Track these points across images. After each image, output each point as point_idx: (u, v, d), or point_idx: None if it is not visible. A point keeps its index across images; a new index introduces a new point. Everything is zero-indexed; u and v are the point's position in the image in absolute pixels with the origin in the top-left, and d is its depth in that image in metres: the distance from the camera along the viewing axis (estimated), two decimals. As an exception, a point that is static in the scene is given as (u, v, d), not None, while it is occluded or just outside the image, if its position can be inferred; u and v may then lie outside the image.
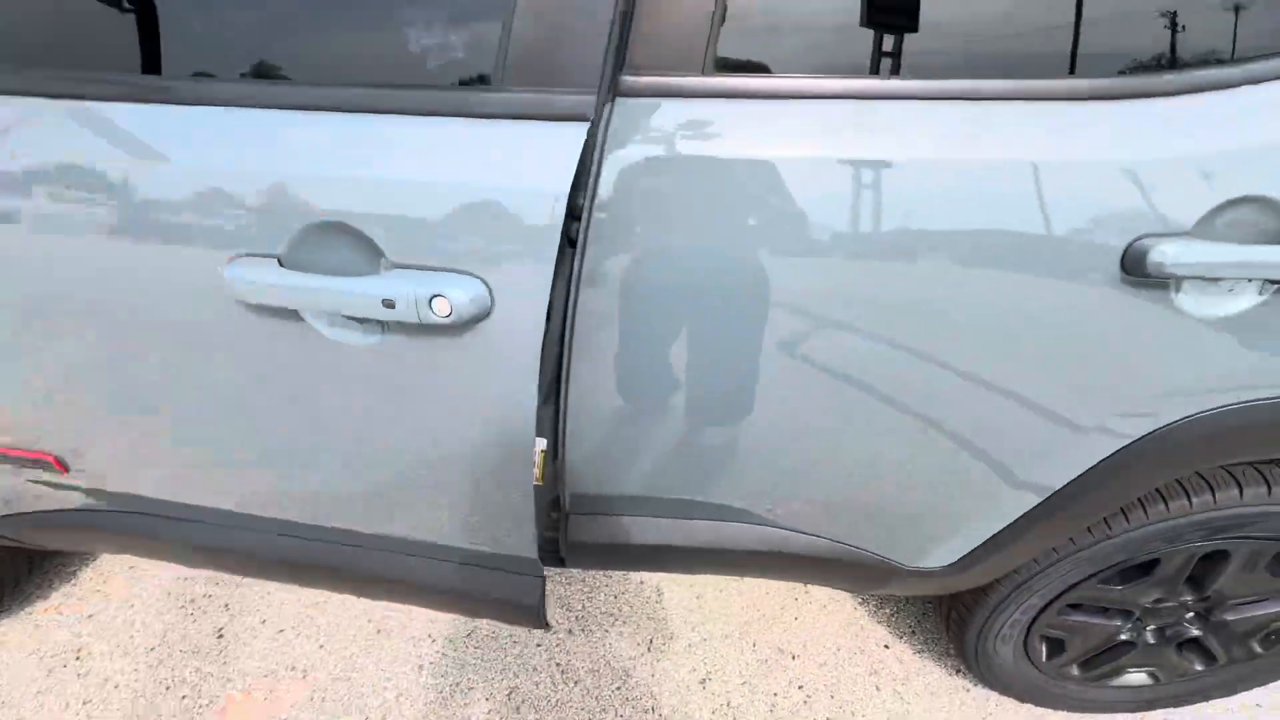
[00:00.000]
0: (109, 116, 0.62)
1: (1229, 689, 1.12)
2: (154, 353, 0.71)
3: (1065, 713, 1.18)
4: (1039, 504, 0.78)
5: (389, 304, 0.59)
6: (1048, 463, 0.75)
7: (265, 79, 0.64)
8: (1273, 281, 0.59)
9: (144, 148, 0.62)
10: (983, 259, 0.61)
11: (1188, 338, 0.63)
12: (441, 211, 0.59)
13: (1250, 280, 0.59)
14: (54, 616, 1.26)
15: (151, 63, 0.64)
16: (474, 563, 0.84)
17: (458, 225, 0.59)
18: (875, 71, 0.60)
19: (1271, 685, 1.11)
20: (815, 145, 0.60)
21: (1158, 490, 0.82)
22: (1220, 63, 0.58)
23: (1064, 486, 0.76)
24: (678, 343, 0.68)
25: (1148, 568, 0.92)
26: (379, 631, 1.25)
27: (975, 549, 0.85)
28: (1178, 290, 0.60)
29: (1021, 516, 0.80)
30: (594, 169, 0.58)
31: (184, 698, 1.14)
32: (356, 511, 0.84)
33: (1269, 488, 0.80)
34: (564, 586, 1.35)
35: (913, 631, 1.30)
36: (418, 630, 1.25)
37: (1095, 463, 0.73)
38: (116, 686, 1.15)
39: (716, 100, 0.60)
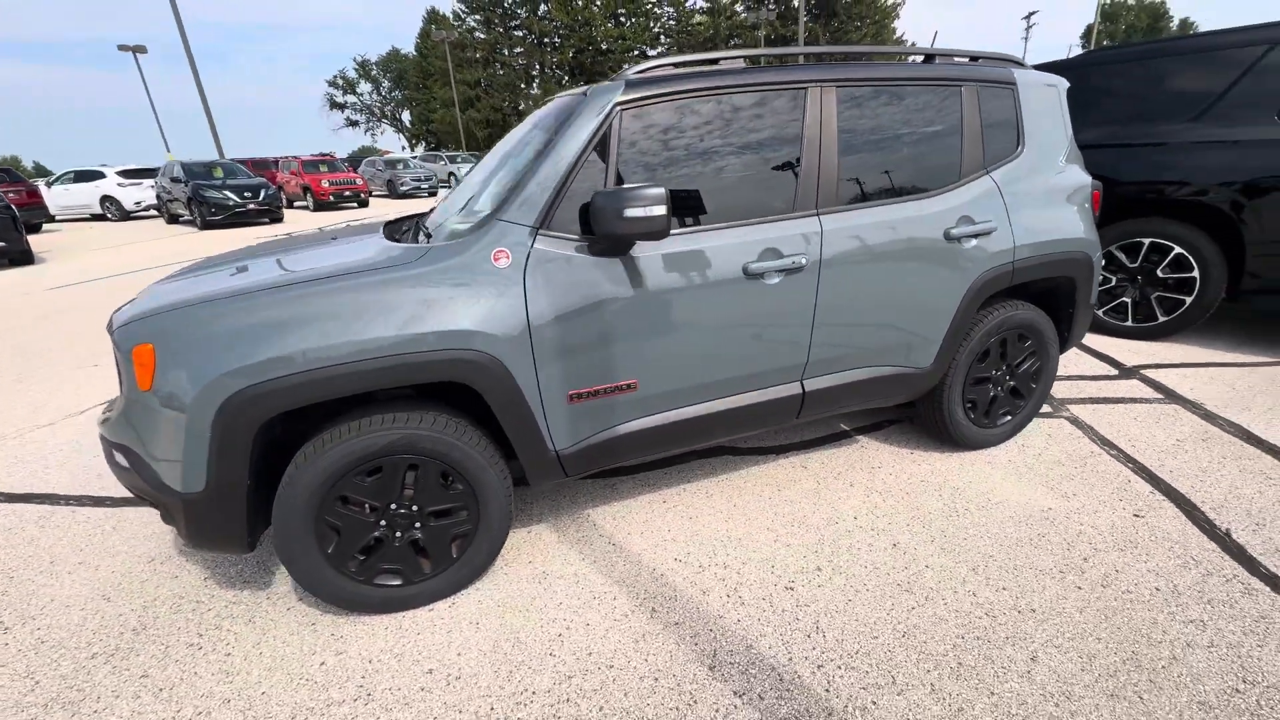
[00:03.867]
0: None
1: (1029, 415, 2.69)
2: (682, 316, 1.89)
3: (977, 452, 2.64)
4: (947, 327, 2.29)
5: (791, 265, 1.92)
6: (942, 315, 2.26)
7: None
8: (974, 236, 2.21)
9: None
10: (896, 250, 2.13)
11: (963, 259, 2.22)
12: (790, 239, 1.95)
13: (973, 239, 2.21)
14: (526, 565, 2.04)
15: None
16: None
17: (793, 245, 1.95)
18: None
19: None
20: (853, 216, 2.08)
21: (979, 317, 2.39)
22: (937, 186, 2.22)
23: (950, 322, 2.27)
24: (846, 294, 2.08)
25: (987, 354, 2.47)
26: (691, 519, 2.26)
27: (935, 356, 2.32)
28: (960, 241, 2.19)
29: (944, 336, 2.29)
30: (820, 232, 2.00)
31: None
32: (771, 368, 2.04)
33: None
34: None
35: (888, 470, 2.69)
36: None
37: (954, 309, 2.26)
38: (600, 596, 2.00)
39: (831, 215, 2.06)
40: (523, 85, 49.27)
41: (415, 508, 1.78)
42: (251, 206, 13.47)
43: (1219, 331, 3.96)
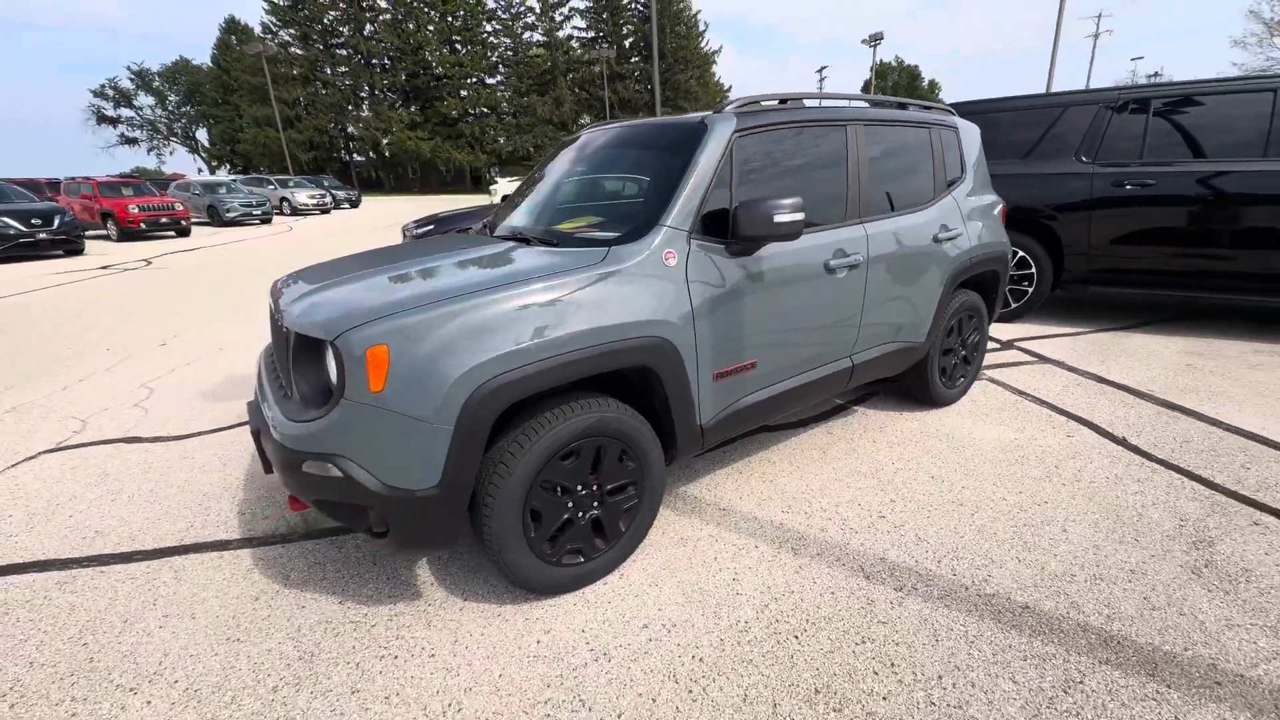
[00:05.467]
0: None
1: (974, 377, 3.52)
2: (788, 304, 2.30)
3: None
4: (934, 309, 2.98)
5: (852, 262, 2.43)
6: (933, 299, 2.95)
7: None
8: (949, 239, 2.94)
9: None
10: (908, 251, 2.78)
11: (944, 256, 2.93)
12: (849, 241, 2.47)
13: (949, 241, 2.93)
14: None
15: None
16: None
17: (852, 246, 2.47)
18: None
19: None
20: (883, 224, 2.69)
21: (951, 300, 3.13)
22: (922, 202, 2.92)
23: (937, 304, 2.97)
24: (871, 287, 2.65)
25: (951, 330, 3.22)
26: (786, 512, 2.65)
27: (927, 332, 3.00)
28: (941, 243, 2.89)
29: (933, 316, 2.98)
30: (865, 236, 2.55)
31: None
32: (837, 343, 2.51)
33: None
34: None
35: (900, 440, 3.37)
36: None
37: (940, 294, 2.97)
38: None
39: (869, 223, 2.63)
40: (350, 107, 46.13)
41: (596, 487, 1.95)
42: (43, 236, 11.11)
43: (1051, 313, 5.34)
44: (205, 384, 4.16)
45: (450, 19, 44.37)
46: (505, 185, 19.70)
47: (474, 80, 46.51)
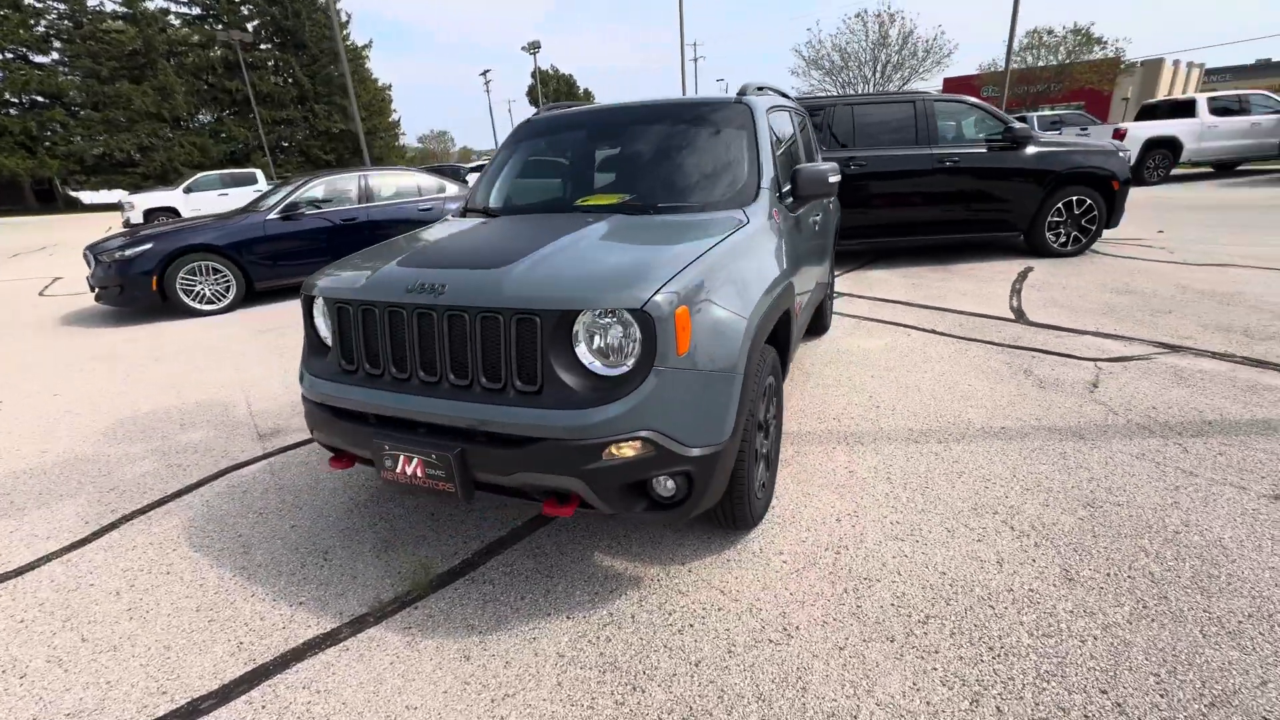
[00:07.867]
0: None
1: (831, 308, 4.66)
2: (808, 250, 2.83)
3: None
4: (830, 254, 3.90)
5: (819, 219, 3.09)
6: (830, 246, 3.86)
7: None
8: (828, 202, 3.88)
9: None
10: (824, 209, 3.62)
11: (831, 210, 3.86)
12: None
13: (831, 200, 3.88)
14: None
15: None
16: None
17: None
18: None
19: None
20: None
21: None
22: None
23: (831, 247, 3.91)
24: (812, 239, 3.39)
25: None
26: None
27: (829, 274, 3.91)
28: (829, 205, 3.81)
29: (830, 260, 3.91)
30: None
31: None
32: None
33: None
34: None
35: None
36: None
37: (831, 239, 3.90)
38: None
39: None
40: None
41: (766, 420, 2.21)
42: None
43: (809, 264, 7.07)
44: (-58, 505, 2.64)
45: (-56, -34, 30.69)
46: (145, 199, 15.03)
47: (12, 57, 33.39)
